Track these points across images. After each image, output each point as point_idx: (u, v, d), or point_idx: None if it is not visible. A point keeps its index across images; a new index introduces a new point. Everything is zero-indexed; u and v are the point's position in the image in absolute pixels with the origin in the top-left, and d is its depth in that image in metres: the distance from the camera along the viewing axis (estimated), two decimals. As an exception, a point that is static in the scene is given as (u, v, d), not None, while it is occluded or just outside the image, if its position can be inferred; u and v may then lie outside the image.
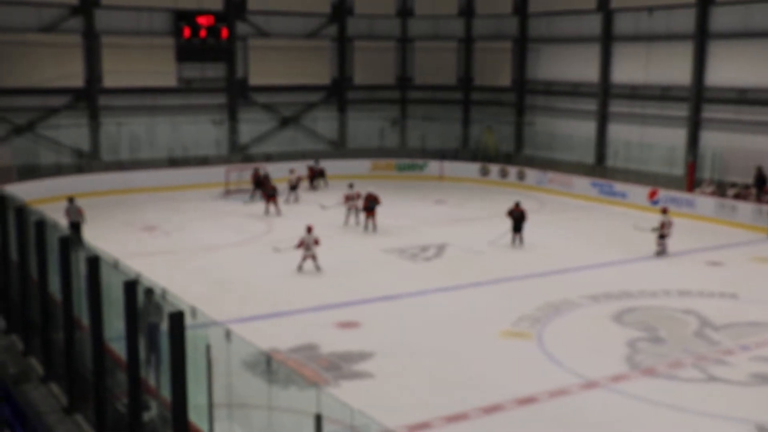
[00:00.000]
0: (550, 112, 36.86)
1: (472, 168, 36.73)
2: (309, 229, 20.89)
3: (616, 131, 33.98)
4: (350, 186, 27.23)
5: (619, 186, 31.45)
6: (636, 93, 33.07)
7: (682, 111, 31.26)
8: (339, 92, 39.25)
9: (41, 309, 13.00)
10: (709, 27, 30.27)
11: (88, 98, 33.44)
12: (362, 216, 26.17)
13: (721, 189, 28.82)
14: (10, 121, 32.02)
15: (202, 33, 34.62)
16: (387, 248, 23.72)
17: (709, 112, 30.59)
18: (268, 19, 36.88)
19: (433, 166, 37.18)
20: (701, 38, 30.35)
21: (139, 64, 34.02)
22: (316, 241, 20.85)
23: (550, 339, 16.20)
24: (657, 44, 32.11)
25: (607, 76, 34.23)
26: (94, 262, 10.47)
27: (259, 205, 29.30)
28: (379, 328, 16.83)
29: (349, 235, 25.67)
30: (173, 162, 34.56)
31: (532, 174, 34.94)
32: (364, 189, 27.16)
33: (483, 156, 38.09)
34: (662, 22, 31.87)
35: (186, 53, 34.66)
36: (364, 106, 39.53)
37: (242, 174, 32.65)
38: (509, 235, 24.08)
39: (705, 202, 28.46)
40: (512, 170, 35.77)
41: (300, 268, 20.86)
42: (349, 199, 26.66)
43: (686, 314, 17.84)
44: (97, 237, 20.71)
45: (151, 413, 9.73)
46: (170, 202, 30.87)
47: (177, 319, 8.49)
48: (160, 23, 34.44)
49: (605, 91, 34.33)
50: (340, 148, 39.07)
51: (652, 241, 23.15)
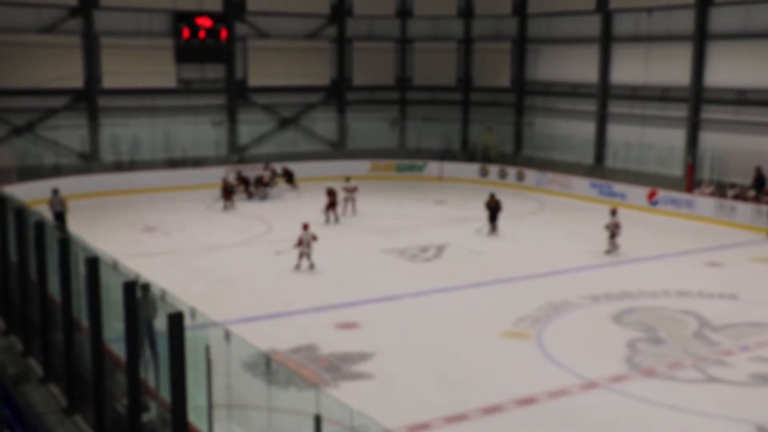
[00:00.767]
0: (550, 113, 36.86)
1: (472, 168, 36.74)
2: (305, 227, 20.97)
3: (616, 132, 34.00)
4: (347, 179, 28.74)
5: (618, 186, 31.45)
6: (635, 94, 33.08)
7: (681, 112, 31.27)
8: (338, 93, 39.26)
9: (41, 310, 12.99)
10: (709, 28, 30.29)
11: (88, 99, 33.45)
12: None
13: (720, 189, 28.82)
14: (9, 121, 32.02)
15: (202, 34, 34.60)
16: (387, 249, 23.72)
17: (708, 112, 30.60)
18: (268, 20, 36.89)
19: (433, 166, 37.19)
20: (700, 39, 30.36)
21: (139, 65, 34.02)
22: (314, 238, 20.91)
23: (549, 339, 16.20)
24: (656, 45, 32.13)
25: (607, 76, 34.24)
26: (94, 263, 10.46)
27: (258, 206, 29.32)
28: (379, 329, 16.83)
29: (349, 235, 25.68)
30: (172, 163, 34.54)
31: (531, 174, 34.95)
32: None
33: (482, 157, 38.11)
34: (661, 22, 31.89)
35: (185, 54, 34.64)
36: (364, 107, 39.53)
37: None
38: (487, 224, 25.49)
39: (704, 202, 28.46)
40: (511, 171, 35.78)
41: (298, 267, 20.91)
42: (347, 191, 28.35)
43: (686, 315, 17.85)
44: (97, 238, 20.68)
45: (151, 414, 9.73)
46: (170, 202, 30.88)
47: (176, 320, 8.49)
48: (159, 24, 34.44)
49: (604, 92, 34.34)
50: (339, 149, 39.06)
51: (652, 242, 23.18)
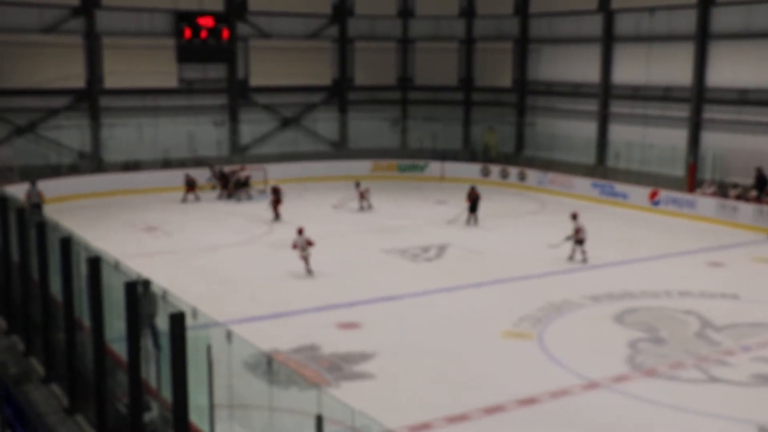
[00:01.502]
0: (551, 113, 36.85)
1: (473, 168, 36.74)
2: (300, 231, 20.76)
3: (617, 132, 33.98)
4: (357, 184, 29.77)
5: (619, 187, 31.44)
6: (637, 94, 33.07)
7: (683, 111, 31.25)
8: (340, 93, 39.26)
9: (42, 310, 13.01)
10: (710, 27, 30.27)
11: (89, 99, 33.47)
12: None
13: (722, 190, 28.79)
14: (11, 121, 32.04)
15: (203, 34, 34.64)
16: (388, 249, 23.72)
17: (710, 112, 30.58)
18: (269, 19, 36.90)
19: (434, 166, 37.18)
20: (702, 39, 30.34)
21: (140, 65, 34.03)
22: (309, 242, 20.66)
23: (551, 339, 16.20)
24: (658, 45, 32.11)
25: (608, 76, 34.23)
26: (95, 263, 10.48)
27: (256, 206, 29.33)
28: (380, 329, 16.83)
29: (350, 235, 25.69)
30: (174, 163, 34.53)
31: (533, 174, 34.94)
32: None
33: (484, 156, 38.11)
34: (663, 22, 31.87)
35: (187, 54, 34.67)
36: (365, 107, 39.53)
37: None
38: (465, 214, 26.85)
39: (706, 202, 28.44)
40: (513, 171, 35.77)
41: (310, 271, 20.63)
42: (359, 193, 29.48)
43: (687, 315, 17.83)
44: (99, 238, 20.71)
45: (152, 414, 9.73)
46: (171, 202, 30.89)
47: (178, 320, 8.49)
48: (161, 24, 34.46)
49: (606, 92, 34.33)
50: (341, 149, 39.07)
51: (654, 242, 23.16)
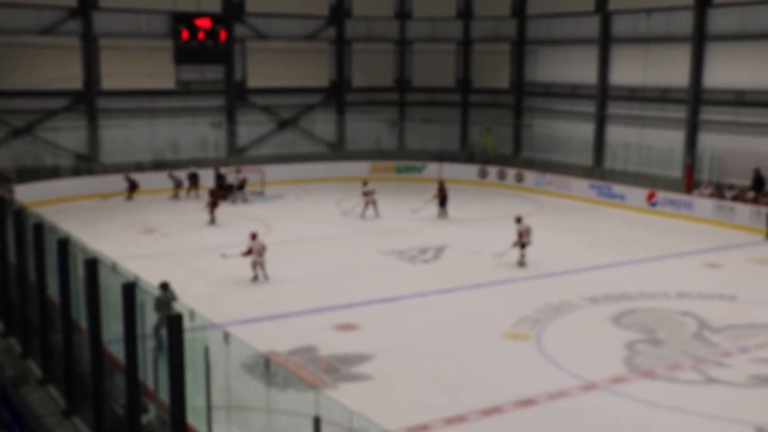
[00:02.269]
0: (549, 114, 36.88)
1: (471, 170, 36.75)
2: (253, 236, 20.26)
3: (615, 133, 34.00)
4: (364, 183, 29.10)
5: (617, 188, 31.45)
6: (634, 95, 33.09)
7: (680, 113, 31.28)
8: (337, 94, 39.26)
9: (40, 311, 12.99)
10: (707, 29, 30.30)
11: (87, 100, 33.44)
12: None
13: (719, 191, 28.82)
14: (8, 123, 31.99)
15: (201, 35, 34.63)
16: (386, 250, 23.72)
17: (707, 113, 30.61)
18: (267, 21, 36.89)
19: (432, 168, 37.17)
20: (699, 40, 30.38)
21: (138, 66, 34.02)
22: (264, 248, 20.19)
23: (549, 341, 16.20)
24: (655, 46, 32.14)
25: (606, 77, 34.26)
26: (93, 265, 10.46)
27: (253, 208, 29.32)
28: (378, 330, 16.82)
29: (348, 237, 25.68)
30: (171, 164, 34.49)
31: (530, 176, 34.95)
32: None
33: (482, 158, 38.12)
34: (660, 23, 31.90)
35: (184, 55, 34.67)
36: (363, 108, 39.54)
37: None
38: (436, 208, 28.35)
39: (703, 203, 28.47)
40: (511, 172, 35.79)
41: (255, 278, 20.15)
42: (367, 194, 28.48)
43: (685, 316, 17.84)
44: (97, 239, 20.68)
45: (150, 416, 9.72)
46: (169, 204, 30.88)
47: (175, 322, 8.49)
48: (158, 26, 34.44)
49: (603, 93, 34.36)
50: (338, 151, 39.06)
51: (652, 243, 23.18)
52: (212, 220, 27.27)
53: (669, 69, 31.61)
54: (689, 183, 29.97)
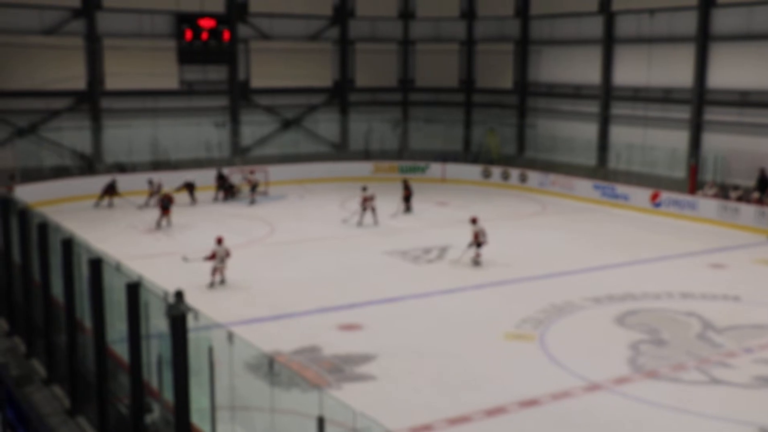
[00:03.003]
0: (552, 115, 36.85)
1: (474, 170, 36.74)
2: (219, 241, 19.85)
3: (618, 133, 33.97)
4: (364, 189, 27.77)
5: (621, 188, 31.42)
6: (638, 95, 33.06)
7: (684, 113, 31.24)
8: (341, 94, 39.27)
9: (44, 311, 13.01)
10: (711, 29, 30.26)
11: (90, 101, 33.48)
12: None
13: (723, 191, 28.78)
14: (12, 123, 32.04)
15: (204, 35, 34.67)
16: (389, 250, 23.71)
17: (711, 114, 30.57)
18: (270, 21, 36.92)
19: (435, 168, 37.18)
20: (703, 40, 30.33)
21: (141, 66, 34.06)
22: (228, 253, 19.80)
23: (552, 341, 16.19)
24: (659, 46, 32.11)
25: (609, 78, 34.23)
26: (97, 265, 10.48)
27: (258, 207, 29.30)
28: (382, 331, 16.82)
29: (352, 237, 25.68)
30: (174, 164, 34.54)
31: (534, 176, 34.93)
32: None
33: (485, 158, 38.10)
34: (664, 24, 31.86)
35: (188, 56, 34.69)
36: (366, 109, 39.55)
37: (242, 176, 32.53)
38: (402, 206, 28.73)
39: (707, 204, 28.43)
40: (514, 172, 35.76)
41: (212, 285, 19.60)
42: (366, 200, 27.25)
43: (689, 316, 17.82)
44: (100, 239, 20.71)
45: (154, 415, 9.73)
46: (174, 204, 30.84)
47: (179, 322, 8.50)
48: (161, 26, 34.48)
49: (607, 93, 34.33)
50: (341, 151, 39.07)
51: (655, 244, 23.13)
52: (164, 225, 26.40)
53: (673, 69, 31.58)
54: (693, 183, 29.93)
